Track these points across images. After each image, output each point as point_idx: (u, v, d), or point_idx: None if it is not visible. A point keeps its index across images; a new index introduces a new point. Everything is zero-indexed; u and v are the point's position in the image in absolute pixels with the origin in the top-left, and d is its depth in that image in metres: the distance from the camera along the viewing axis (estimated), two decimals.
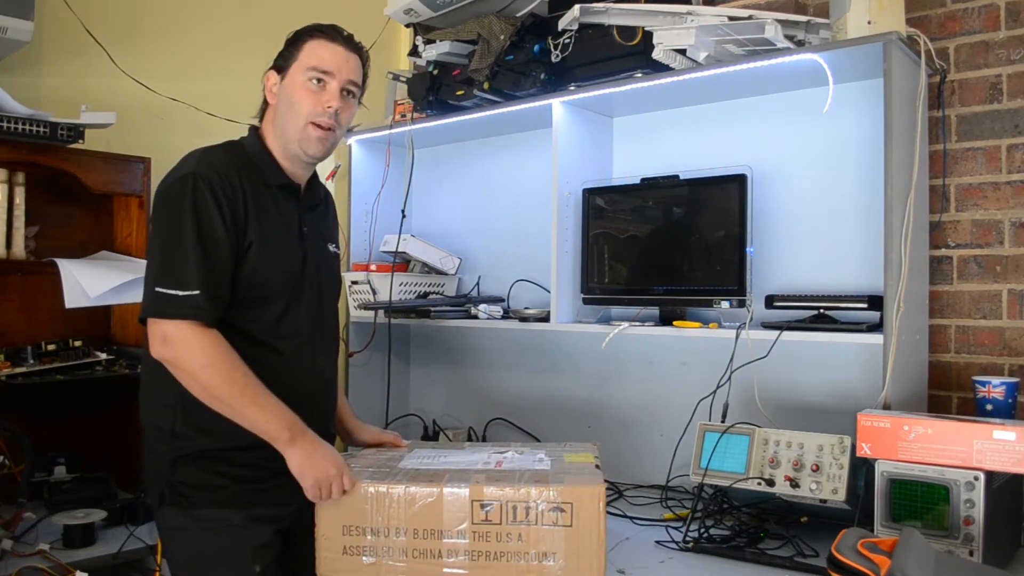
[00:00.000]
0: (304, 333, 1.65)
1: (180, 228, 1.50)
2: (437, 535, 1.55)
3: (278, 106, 1.66)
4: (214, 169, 1.55)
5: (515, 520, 1.53)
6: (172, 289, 1.47)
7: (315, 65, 1.63)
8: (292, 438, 1.52)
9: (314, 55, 1.64)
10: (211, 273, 1.50)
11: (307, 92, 1.63)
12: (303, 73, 1.63)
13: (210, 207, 1.51)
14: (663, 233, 2.21)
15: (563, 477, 1.58)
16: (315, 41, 1.65)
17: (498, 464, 1.70)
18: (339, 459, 1.56)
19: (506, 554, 1.53)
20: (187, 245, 1.49)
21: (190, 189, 1.52)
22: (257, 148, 1.67)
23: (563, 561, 1.51)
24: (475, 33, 2.36)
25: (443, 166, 2.95)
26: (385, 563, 1.56)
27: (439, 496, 1.55)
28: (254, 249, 1.56)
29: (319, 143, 1.65)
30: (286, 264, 1.63)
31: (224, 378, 1.48)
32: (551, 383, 2.64)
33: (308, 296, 1.67)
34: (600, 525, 1.50)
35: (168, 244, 1.50)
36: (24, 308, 2.23)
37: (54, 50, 2.29)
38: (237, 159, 1.62)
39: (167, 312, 1.47)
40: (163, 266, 1.49)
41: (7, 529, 1.86)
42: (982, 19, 2.00)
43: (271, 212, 1.62)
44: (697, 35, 1.95)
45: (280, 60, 1.68)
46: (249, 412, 1.49)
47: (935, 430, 1.55)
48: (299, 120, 1.62)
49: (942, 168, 2.04)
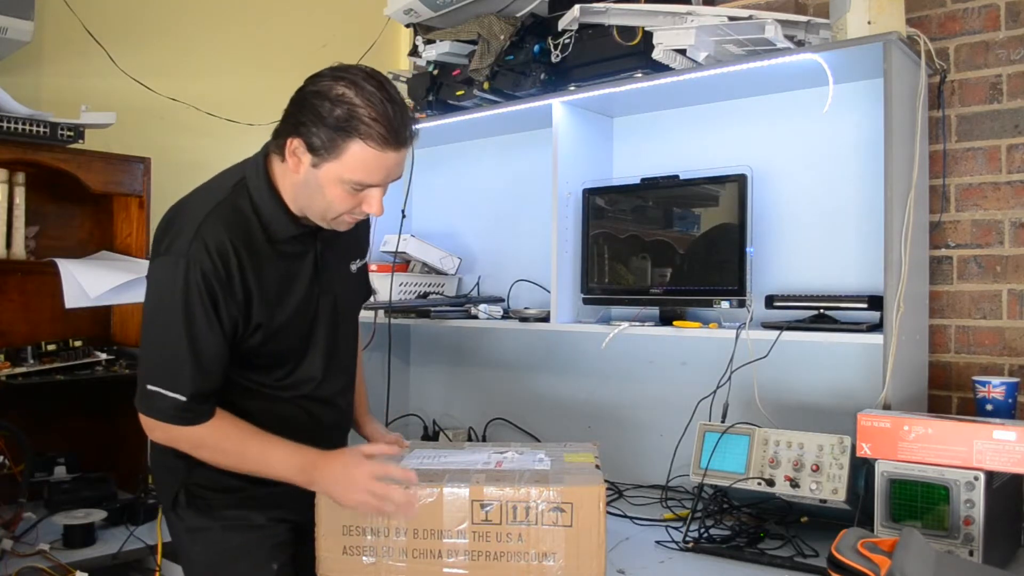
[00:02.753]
0: (317, 379, 1.62)
1: (170, 330, 1.41)
2: (437, 535, 1.54)
3: (303, 183, 1.43)
4: (209, 253, 1.40)
5: (515, 520, 1.53)
6: (162, 389, 1.42)
7: (364, 181, 1.41)
8: (309, 477, 1.48)
9: (365, 167, 1.39)
10: (200, 376, 1.43)
11: (345, 195, 1.42)
12: (347, 179, 1.40)
13: (199, 311, 1.40)
14: (663, 233, 2.21)
15: (563, 477, 1.58)
16: (364, 148, 1.37)
17: (498, 464, 1.70)
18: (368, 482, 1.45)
19: (506, 554, 1.53)
20: (177, 350, 1.41)
21: (181, 286, 1.39)
22: (266, 201, 1.47)
23: (563, 561, 1.51)
24: (475, 33, 2.36)
25: (443, 166, 2.95)
26: (385, 563, 1.56)
27: (439, 496, 1.55)
28: (260, 331, 1.49)
29: (349, 227, 1.52)
30: (297, 327, 1.56)
31: (218, 454, 1.47)
32: (551, 383, 2.63)
33: (322, 343, 1.61)
34: (600, 525, 1.50)
35: (159, 342, 1.44)
36: (24, 308, 2.23)
37: (54, 50, 2.30)
38: (238, 225, 1.45)
39: (154, 413, 1.44)
40: (155, 364, 1.44)
41: (7, 529, 1.86)
42: (982, 19, 2.00)
43: (275, 271, 1.50)
44: (697, 35, 1.95)
45: (315, 140, 1.37)
46: (257, 470, 1.48)
47: (935, 430, 1.55)
48: (331, 212, 1.45)
49: (942, 168, 2.04)
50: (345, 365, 1.71)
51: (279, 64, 2.73)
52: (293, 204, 1.48)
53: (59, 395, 2.19)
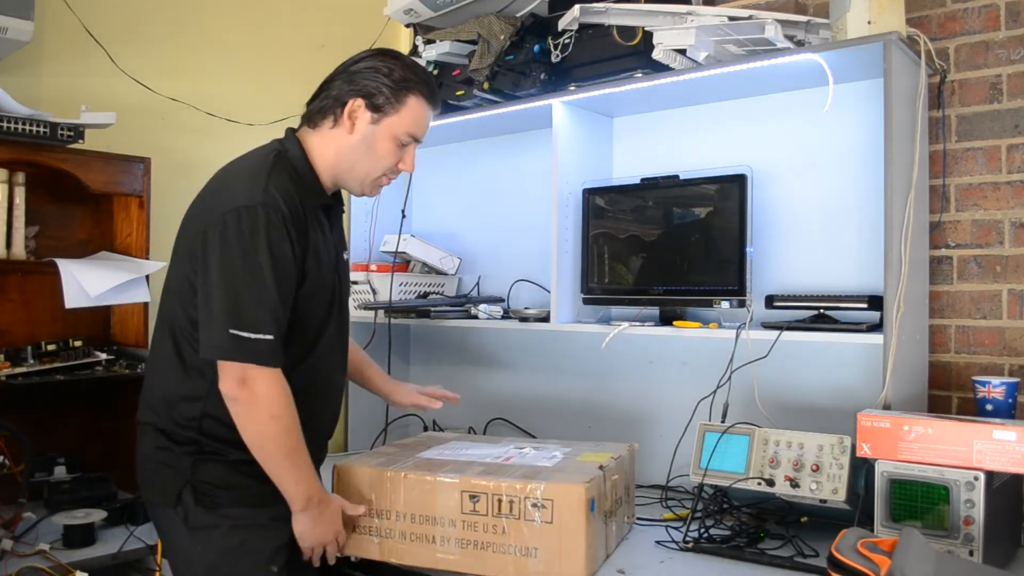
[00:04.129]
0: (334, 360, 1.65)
1: (254, 266, 1.43)
2: (432, 521, 1.62)
3: (355, 141, 1.59)
4: (282, 198, 1.48)
5: (500, 513, 1.57)
6: (246, 332, 1.41)
7: (415, 133, 1.62)
8: (306, 507, 1.53)
9: (417, 119, 1.61)
10: (283, 315, 1.46)
11: (396, 149, 1.61)
12: (400, 131, 1.60)
13: (285, 244, 1.46)
14: (663, 233, 2.21)
15: (554, 475, 1.60)
16: (422, 102, 1.61)
17: (507, 459, 1.74)
18: (338, 523, 1.60)
19: (492, 545, 1.57)
20: (262, 285, 1.43)
21: (263, 223, 1.44)
22: (303, 166, 1.59)
23: (544, 556, 1.53)
24: (475, 33, 2.36)
25: (443, 166, 2.95)
26: (388, 544, 1.66)
27: (433, 484, 1.62)
28: (306, 283, 1.53)
29: (378, 191, 1.67)
30: (326, 291, 1.60)
31: (284, 434, 1.47)
32: (551, 383, 2.63)
33: (337, 312, 1.65)
34: (582, 524, 1.51)
35: (241, 282, 1.43)
36: (24, 308, 2.23)
37: (54, 50, 2.29)
38: (297, 182, 1.55)
39: (244, 357, 1.42)
40: (236, 306, 1.42)
41: (7, 529, 1.86)
42: (982, 19, 2.00)
43: (315, 236, 1.57)
44: (697, 35, 1.95)
45: (379, 98, 1.58)
46: (286, 472, 1.50)
47: (935, 430, 1.55)
48: (375, 170, 1.62)
49: (942, 168, 2.04)
50: (345, 351, 1.76)
51: (279, 64, 2.73)
52: (330, 172, 1.62)
53: (59, 395, 2.19)
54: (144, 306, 2.22)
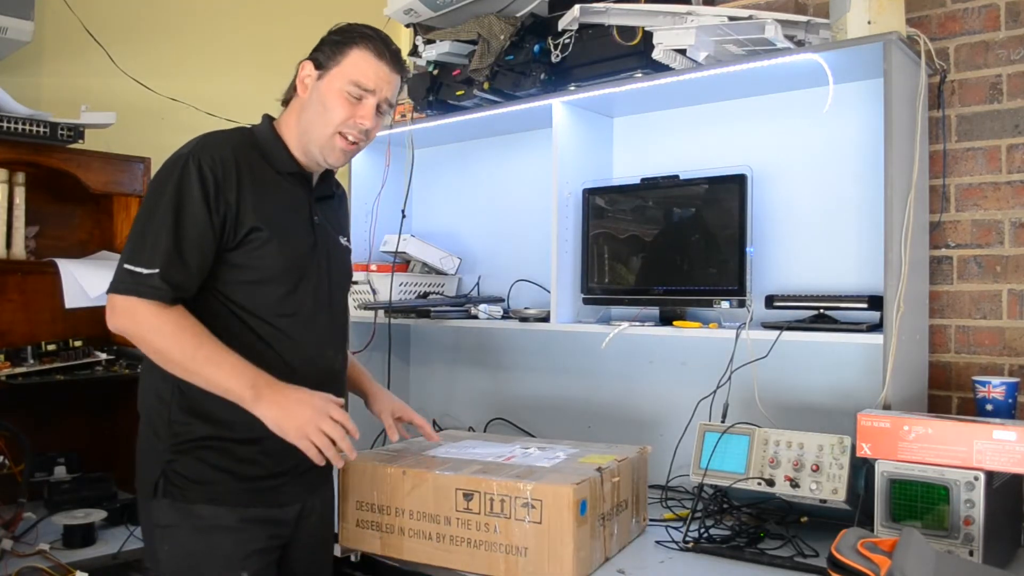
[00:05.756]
0: (307, 314, 1.60)
1: (157, 208, 1.48)
2: (429, 518, 1.64)
3: (308, 102, 1.62)
4: (210, 151, 1.52)
5: (492, 512, 1.58)
6: (137, 267, 1.45)
7: (358, 81, 1.60)
8: (257, 394, 1.45)
9: (358, 69, 1.60)
10: (178, 255, 1.46)
11: (343, 101, 1.59)
12: (343, 83, 1.59)
13: (194, 188, 1.48)
14: (663, 233, 2.21)
15: (548, 475, 1.60)
16: (362, 52, 1.61)
17: (508, 458, 1.75)
18: (316, 398, 1.49)
19: (484, 543, 1.59)
20: (159, 226, 1.46)
21: (179, 169, 1.50)
22: (268, 135, 1.64)
23: (533, 557, 1.53)
24: (475, 33, 2.36)
25: (443, 166, 2.95)
26: (389, 539, 1.68)
27: (430, 481, 1.64)
28: (256, 234, 1.53)
29: (342, 155, 1.63)
30: (293, 249, 1.59)
31: (174, 341, 1.45)
32: (551, 383, 2.63)
33: (315, 280, 1.63)
34: (570, 526, 1.51)
35: (143, 223, 1.49)
36: (24, 308, 2.23)
37: (54, 50, 2.30)
38: (241, 143, 1.59)
39: (120, 288, 1.46)
40: (134, 245, 1.48)
41: (7, 529, 1.86)
42: (982, 19, 2.00)
43: (277, 197, 1.59)
44: (697, 35, 1.95)
45: (321, 56, 1.63)
46: (206, 372, 1.45)
47: (935, 430, 1.55)
48: (328, 127, 1.60)
49: (942, 168, 2.04)
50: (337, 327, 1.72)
51: (279, 64, 2.70)
52: (297, 142, 1.63)
53: (59, 395, 2.19)
54: None
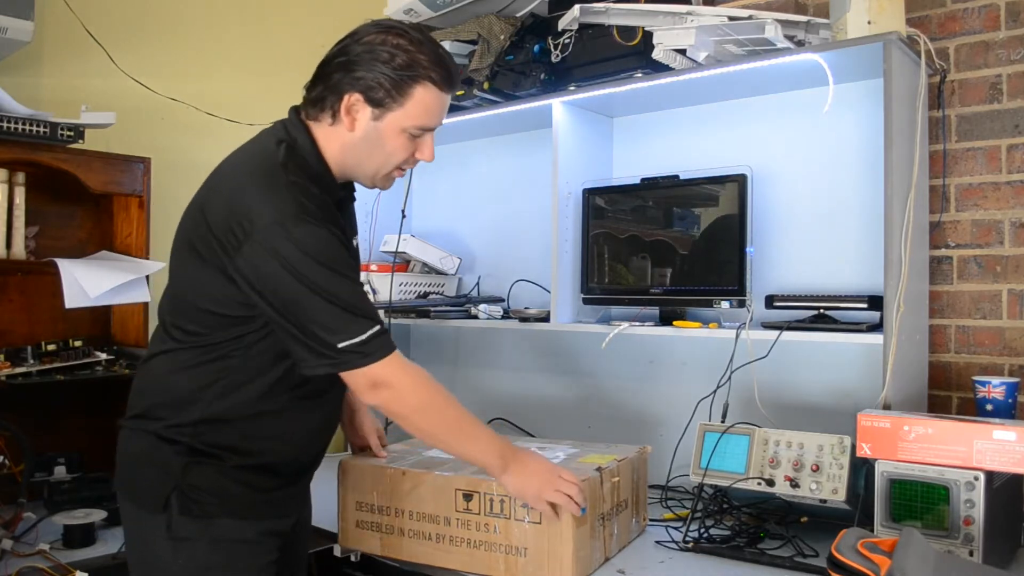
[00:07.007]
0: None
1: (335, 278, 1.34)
2: (429, 519, 1.64)
3: (359, 139, 1.44)
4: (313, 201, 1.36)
5: (491, 512, 1.58)
6: (354, 338, 1.33)
7: (425, 125, 1.45)
8: (505, 466, 1.49)
9: (426, 109, 1.43)
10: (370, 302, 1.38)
11: (407, 142, 1.45)
12: (408, 125, 1.43)
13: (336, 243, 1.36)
14: (663, 233, 2.21)
15: None
16: (428, 88, 1.41)
17: None
18: (544, 466, 1.52)
19: (484, 543, 1.59)
20: (353, 293, 1.35)
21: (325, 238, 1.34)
22: (315, 160, 1.45)
23: (533, 557, 1.54)
24: (475, 33, 2.36)
25: (443, 166, 2.94)
26: (389, 540, 1.68)
27: (429, 482, 1.64)
28: None
29: (392, 183, 1.54)
30: None
31: (440, 418, 1.45)
32: (551, 383, 2.63)
33: None
34: (569, 526, 1.51)
35: (322, 297, 1.32)
36: (24, 308, 2.23)
37: (54, 50, 2.30)
38: (314, 180, 1.41)
39: (363, 361, 1.35)
40: (331, 322, 1.33)
41: (7, 529, 1.86)
42: (982, 19, 2.00)
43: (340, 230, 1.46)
44: (697, 35, 1.95)
45: (378, 91, 1.40)
46: (465, 450, 1.49)
47: (935, 430, 1.55)
48: (386, 166, 1.47)
49: (942, 168, 2.04)
50: None
51: (279, 64, 2.73)
52: (338, 167, 1.47)
53: (59, 395, 2.19)
54: (144, 306, 2.22)
